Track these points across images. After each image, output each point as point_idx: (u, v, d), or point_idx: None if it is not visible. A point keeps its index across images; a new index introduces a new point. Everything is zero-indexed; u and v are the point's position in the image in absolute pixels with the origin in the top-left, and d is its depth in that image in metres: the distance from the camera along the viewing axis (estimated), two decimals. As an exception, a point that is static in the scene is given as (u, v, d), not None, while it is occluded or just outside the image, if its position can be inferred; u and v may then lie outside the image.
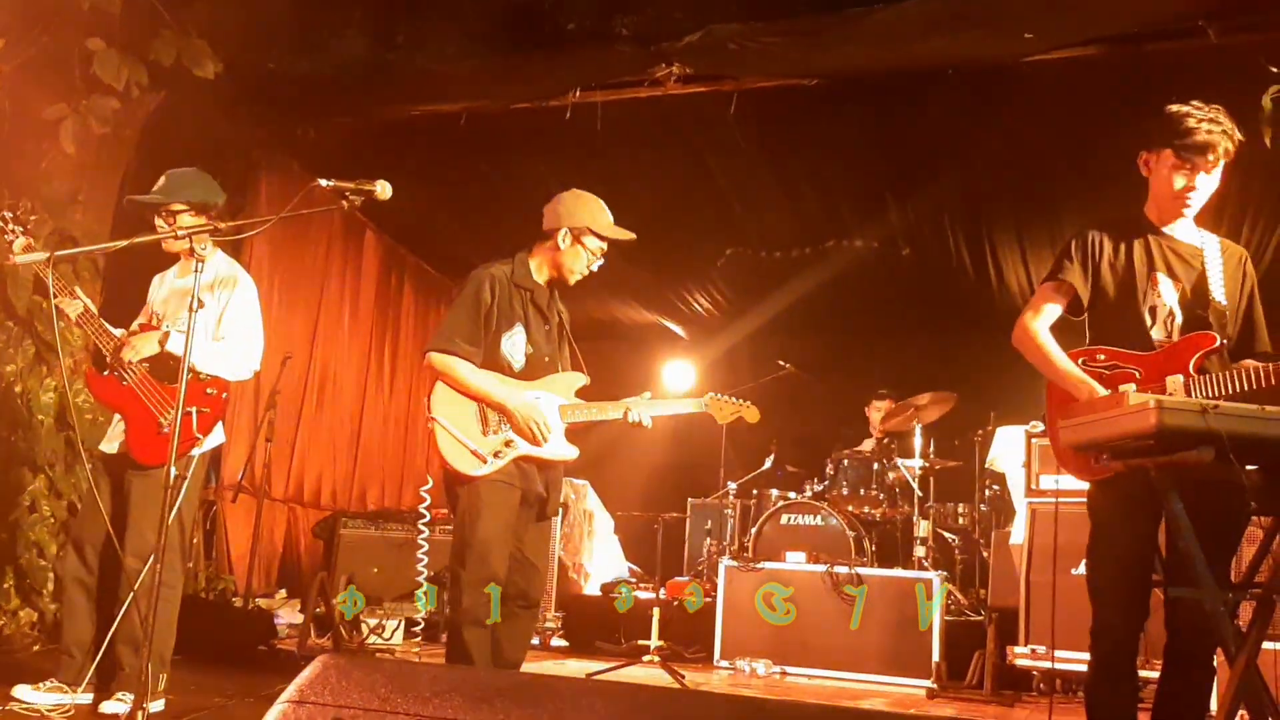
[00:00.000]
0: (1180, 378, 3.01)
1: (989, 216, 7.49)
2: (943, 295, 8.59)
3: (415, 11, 5.78)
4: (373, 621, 6.16)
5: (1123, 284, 3.16)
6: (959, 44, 5.19)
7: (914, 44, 5.20)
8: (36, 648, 4.92)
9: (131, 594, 3.50)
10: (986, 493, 6.94)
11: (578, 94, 5.86)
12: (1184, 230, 3.22)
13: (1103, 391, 2.99)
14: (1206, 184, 3.13)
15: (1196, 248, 3.20)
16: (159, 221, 3.88)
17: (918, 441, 7.08)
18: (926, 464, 7.05)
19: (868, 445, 7.61)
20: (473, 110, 6.18)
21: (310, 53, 5.88)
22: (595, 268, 3.80)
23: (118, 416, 3.89)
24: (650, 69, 5.59)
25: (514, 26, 5.65)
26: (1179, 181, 3.12)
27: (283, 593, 6.88)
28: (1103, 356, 3.13)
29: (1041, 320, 3.20)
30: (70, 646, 3.75)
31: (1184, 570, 2.79)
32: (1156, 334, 3.13)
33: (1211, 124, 3.04)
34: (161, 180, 3.93)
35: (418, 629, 5.55)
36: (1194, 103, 3.10)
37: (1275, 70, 4.67)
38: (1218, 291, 3.13)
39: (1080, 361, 3.13)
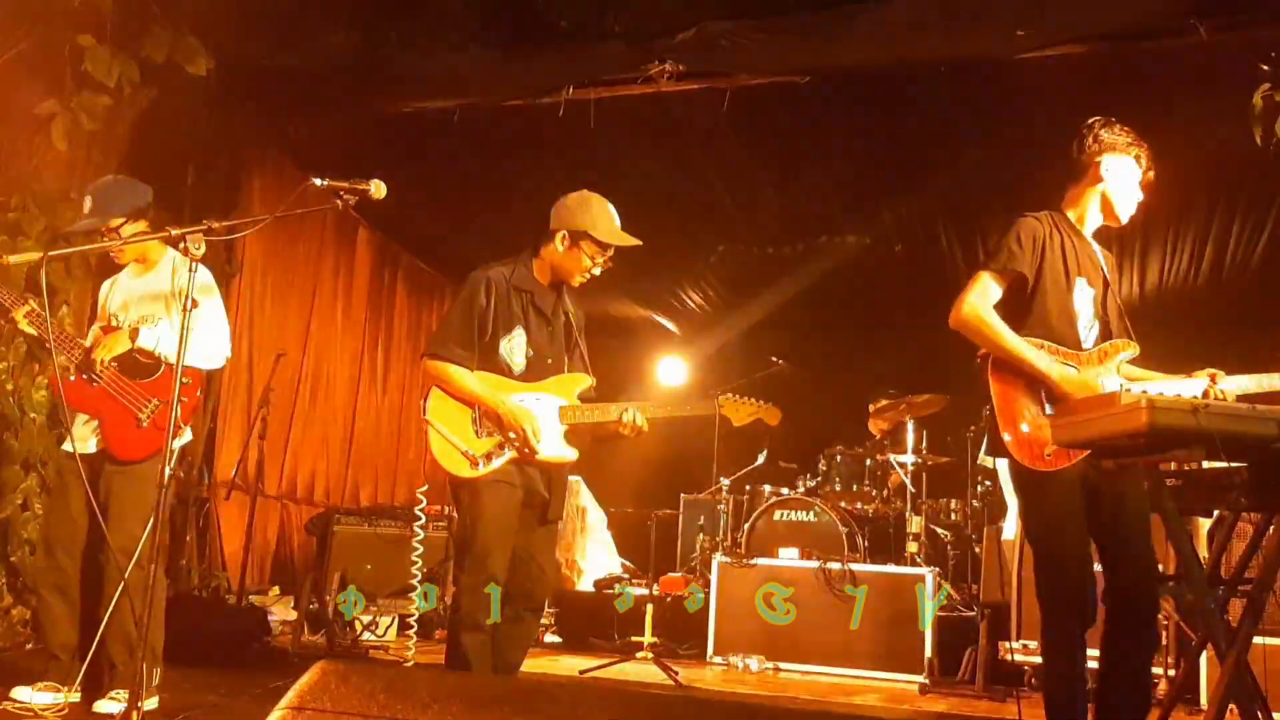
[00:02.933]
0: (1115, 378, 3.11)
1: (980, 213, 7.49)
2: (934, 291, 8.57)
3: (406, 8, 5.77)
4: (366, 619, 6.16)
5: (1058, 279, 3.20)
6: (951, 41, 5.20)
7: (906, 42, 5.22)
8: (29, 646, 4.91)
9: (120, 590, 3.50)
10: (979, 488, 6.95)
11: (570, 91, 5.85)
12: (1092, 237, 3.34)
13: (1067, 370, 3.06)
14: None
15: (1096, 254, 3.32)
16: (106, 240, 3.85)
17: (910, 437, 7.09)
18: (919, 460, 7.06)
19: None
20: (465, 107, 6.16)
21: (301, 49, 5.87)
22: (597, 271, 3.67)
23: (83, 417, 3.86)
24: (643, 66, 5.59)
25: (506, 23, 5.65)
26: (1138, 190, 3.27)
27: (276, 589, 6.87)
28: (1042, 349, 3.15)
29: (987, 303, 3.18)
30: (56, 650, 3.74)
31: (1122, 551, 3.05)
32: (1082, 333, 3.20)
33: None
34: (88, 201, 3.88)
35: (412, 627, 5.55)
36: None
37: (1265, 68, 4.69)
38: (1117, 298, 3.29)
39: None
